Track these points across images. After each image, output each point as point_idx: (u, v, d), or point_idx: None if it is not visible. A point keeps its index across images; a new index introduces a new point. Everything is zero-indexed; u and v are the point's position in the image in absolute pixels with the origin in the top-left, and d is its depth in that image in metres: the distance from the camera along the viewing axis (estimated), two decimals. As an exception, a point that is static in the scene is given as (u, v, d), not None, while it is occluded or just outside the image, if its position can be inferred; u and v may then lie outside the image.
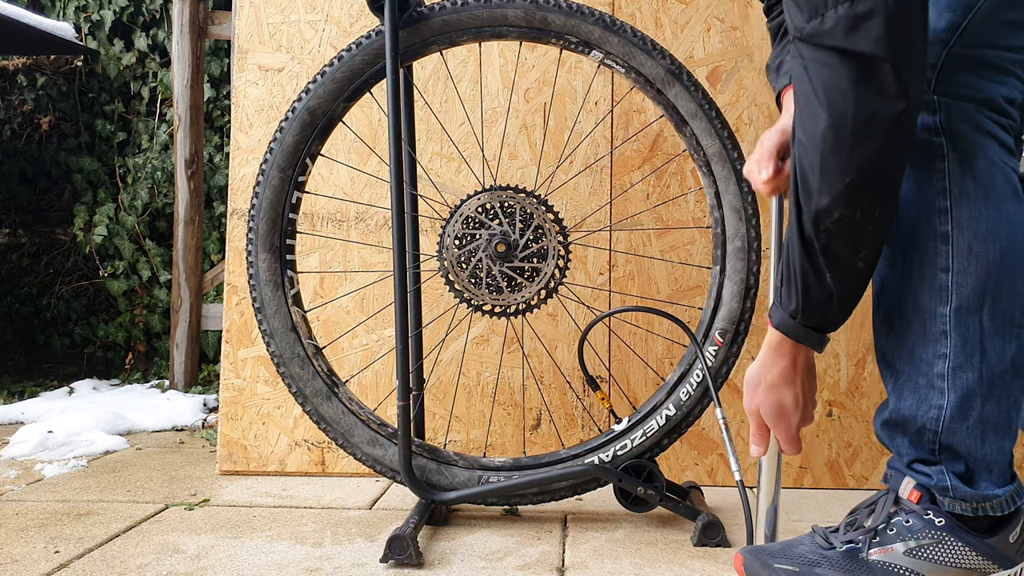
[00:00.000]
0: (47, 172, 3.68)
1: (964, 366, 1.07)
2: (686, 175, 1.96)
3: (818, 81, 1.01)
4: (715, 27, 1.96)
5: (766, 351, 1.17)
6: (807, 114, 1.03)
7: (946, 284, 1.07)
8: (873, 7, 0.94)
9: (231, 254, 2.03)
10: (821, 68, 1.00)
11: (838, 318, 1.11)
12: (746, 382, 1.20)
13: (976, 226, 1.06)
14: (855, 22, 0.96)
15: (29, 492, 1.84)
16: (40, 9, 3.60)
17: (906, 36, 0.96)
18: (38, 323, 3.69)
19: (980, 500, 1.08)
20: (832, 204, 1.02)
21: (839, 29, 0.97)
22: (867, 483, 1.91)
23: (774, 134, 1.25)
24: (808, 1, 0.99)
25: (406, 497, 1.80)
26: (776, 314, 1.14)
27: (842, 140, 1.00)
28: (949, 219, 1.06)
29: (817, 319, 1.11)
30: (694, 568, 1.38)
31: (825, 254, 1.05)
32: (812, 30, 0.99)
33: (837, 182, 1.01)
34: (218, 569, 1.36)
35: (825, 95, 1.00)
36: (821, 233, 1.04)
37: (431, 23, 1.56)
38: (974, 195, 1.06)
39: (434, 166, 2.01)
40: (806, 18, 1.00)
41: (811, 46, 1.01)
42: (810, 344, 1.13)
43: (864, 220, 1.03)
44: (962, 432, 1.08)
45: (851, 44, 0.96)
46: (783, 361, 1.15)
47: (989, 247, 1.06)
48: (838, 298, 1.08)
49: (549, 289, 1.60)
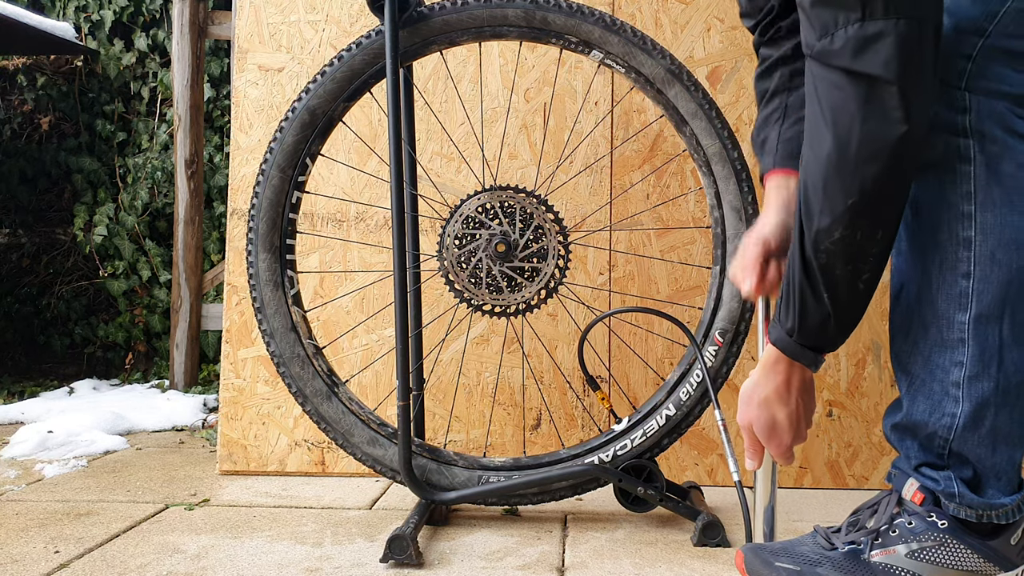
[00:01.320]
0: (47, 172, 3.68)
1: (980, 375, 1.05)
2: (686, 175, 1.96)
3: (826, 101, 1.00)
4: (715, 27, 1.96)
5: (761, 368, 1.16)
6: (814, 134, 1.03)
7: (966, 291, 1.05)
8: (883, 29, 0.94)
9: (231, 254, 2.03)
10: (829, 88, 0.99)
11: (835, 339, 1.11)
12: (740, 396, 1.19)
13: (1001, 233, 1.04)
14: (864, 43, 0.95)
15: (29, 492, 1.84)
16: (40, 9, 3.59)
17: (916, 59, 0.95)
18: (38, 323, 3.68)
19: (986, 508, 1.08)
20: (833, 225, 1.02)
21: (848, 50, 0.96)
22: (867, 483, 1.91)
23: (756, 243, 1.24)
24: (819, 19, 0.98)
25: (406, 497, 1.80)
26: (774, 331, 1.14)
27: (846, 161, 0.99)
28: (973, 224, 1.04)
29: (813, 339, 1.10)
30: (694, 568, 1.38)
31: (824, 275, 1.05)
32: (821, 49, 0.99)
33: (839, 203, 1.00)
34: (218, 569, 1.36)
35: (832, 115, 0.99)
36: (821, 253, 1.04)
37: (431, 23, 1.56)
38: (1000, 200, 1.04)
39: (434, 166, 2.01)
40: (817, 36, 0.99)
41: (820, 65, 1.00)
42: (805, 363, 1.13)
43: (865, 242, 1.02)
44: (974, 441, 1.07)
45: (859, 65, 0.96)
46: (778, 379, 1.15)
47: (1013, 255, 1.04)
48: (835, 319, 1.07)
49: (549, 289, 1.60)
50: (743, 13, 1.38)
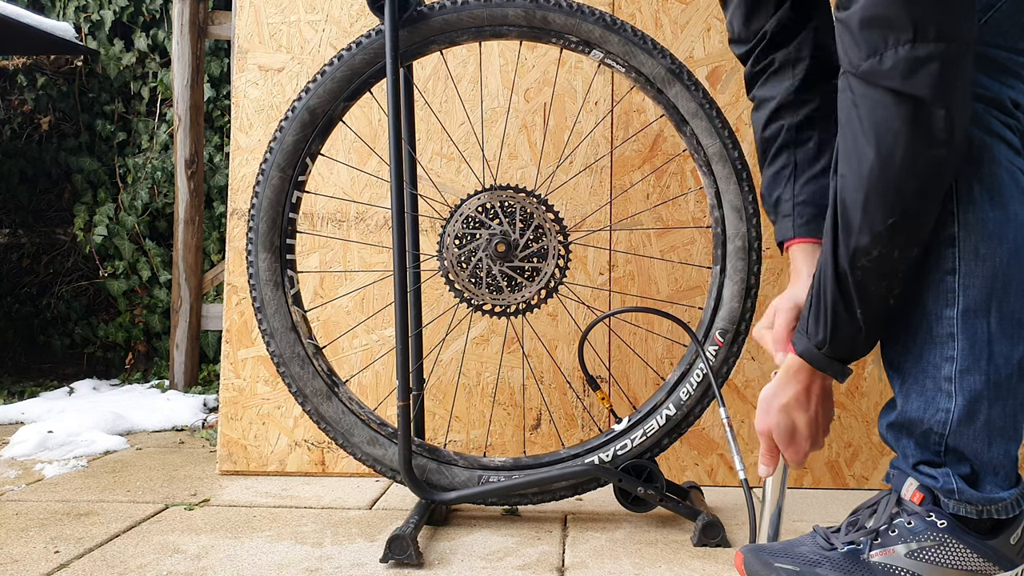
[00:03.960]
0: (47, 172, 3.68)
1: (971, 369, 1.06)
2: (686, 175, 1.96)
3: (869, 120, 1.01)
4: (715, 27, 1.95)
5: (783, 374, 1.18)
6: (853, 151, 1.04)
7: (953, 286, 1.06)
8: (934, 51, 0.95)
9: (231, 254, 2.03)
10: (874, 107, 1.00)
11: (863, 350, 1.13)
12: (760, 403, 1.20)
13: (983, 228, 1.05)
14: (915, 65, 0.96)
15: (29, 492, 1.84)
16: (40, 9, 3.59)
17: (961, 81, 0.97)
18: (38, 323, 3.68)
19: (985, 503, 1.08)
20: (872, 243, 1.03)
21: (898, 71, 0.97)
22: (867, 483, 1.91)
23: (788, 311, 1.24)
24: (868, 39, 0.99)
25: (406, 497, 1.80)
26: (800, 342, 1.15)
27: (888, 180, 1.01)
28: (955, 221, 1.06)
29: (843, 352, 1.12)
30: (694, 568, 1.38)
31: (859, 291, 1.07)
32: (869, 68, 1.00)
33: (879, 222, 1.02)
34: (218, 569, 1.36)
35: (875, 133, 1.00)
36: (857, 270, 1.06)
37: (431, 22, 1.56)
38: (980, 197, 1.05)
39: (434, 166, 2.01)
40: (864, 55, 1.00)
41: (865, 83, 1.01)
42: (832, 373, 1.15)
43: (900, 259, 1.04)
44: (969, 435, 1.07)
45: (908, 87, 0.97)
46: (799, 386, 1.17)
47: (996, 249, 1.05)
48: (865, 332, 1.09)
49: (549, 289, 1.60)
50: (734, 39, 1.37)
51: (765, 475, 1.24)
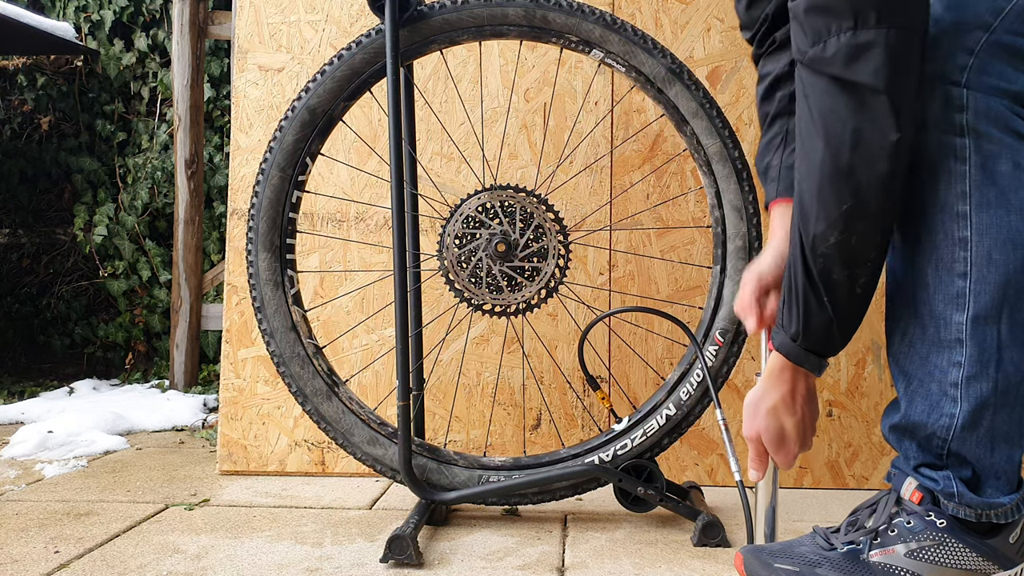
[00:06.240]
0: (47, 172, 3.68)
1: (979, 376, 1.05)
2: (686, 175, 1.96)
3: (817, 109, 1.01)
4: (715, 27, 1.96)
5: (767, 377, 1.18)
6: (806, 140, 1.04)
7: (963, 291, 1.05)
8: (875, 38, 0.95)
9: (231, 254, 2.03)
10: (820, 95, 1.01)
11: (838, 343, 1.12)
12: (745, 407, 1.20)
13: (997, 232, 1.03)
14: (856, 52, 0.96)
15: (29, 492, 1.84)
16: (40, 9, 3.59)
17: (905, 68, 0.97)
18: (38, 323, 3.68)
19: (985, 507, 1.07)
20: (828, 230, 1.04)
21: (839, 57, 0.97)
22: (867, 483, 1.90)
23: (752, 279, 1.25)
24: (812, 26, 0.99)
25: (406, 497, 1.80)
26: (778, 336, 1.15)
27: (839, 168, 1.01)
28: (968, 224, 1.04)
29: (816, 343, 1.12)
30: (694, 568, 1.38)
31: (823, 279, 1.07)
32: (814, 56, 1.00)
33: (834, 209, 1.02)
34: (218, 569, 1.36)
35: (823, 123, 1.01)
36: (819, 258, 1.06)
37: (431, 22, 1.56)
38: (996, 200, 1.03)
39: (434, 166, 2.01)
40: (809, 43, 1.00)
41: (811, 72, 1.01)
42: (808, 367, 1.14)
43: (860, 246, 1.04)
44: (972, 441, 1.07)
45: (850, 74, 0.97)
46: (784, 387, 1.17)
47: (1010, 254, 1.03)
48: (837, 323, 1.09)
49: (549, 289, 1.60)
50: (742, 25, 1.40)
51: (756, 480, 1.24)
